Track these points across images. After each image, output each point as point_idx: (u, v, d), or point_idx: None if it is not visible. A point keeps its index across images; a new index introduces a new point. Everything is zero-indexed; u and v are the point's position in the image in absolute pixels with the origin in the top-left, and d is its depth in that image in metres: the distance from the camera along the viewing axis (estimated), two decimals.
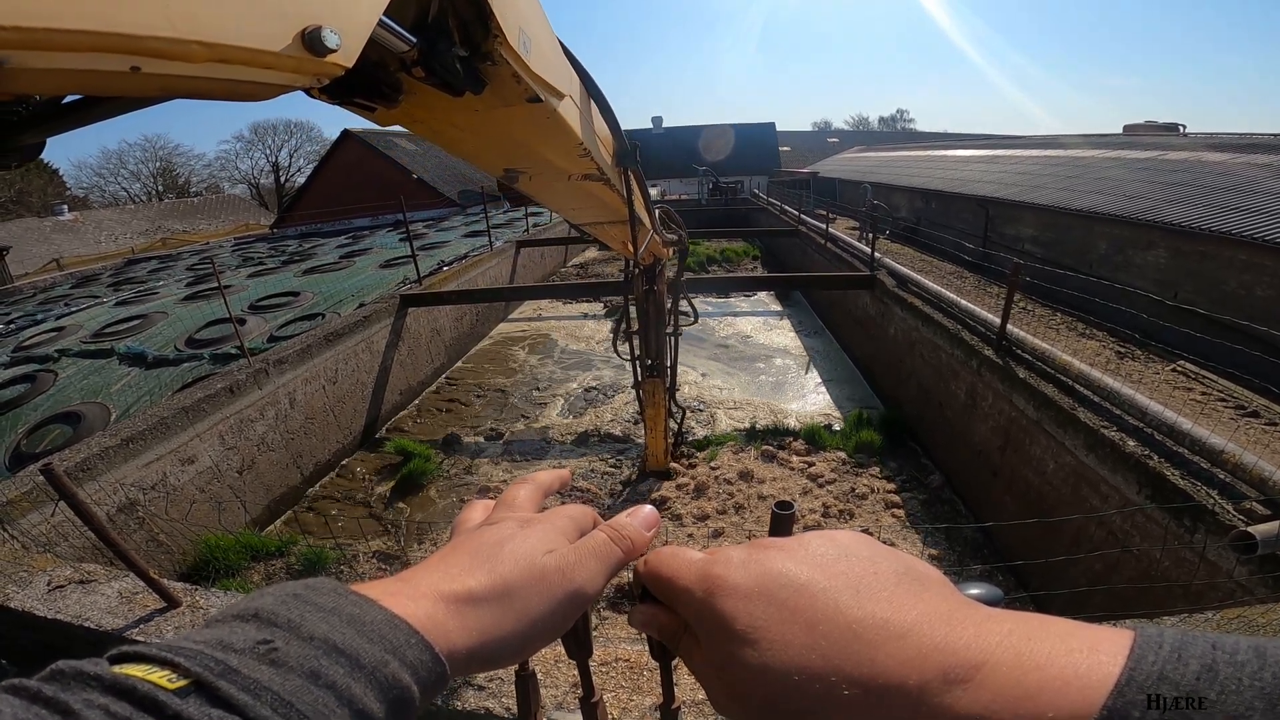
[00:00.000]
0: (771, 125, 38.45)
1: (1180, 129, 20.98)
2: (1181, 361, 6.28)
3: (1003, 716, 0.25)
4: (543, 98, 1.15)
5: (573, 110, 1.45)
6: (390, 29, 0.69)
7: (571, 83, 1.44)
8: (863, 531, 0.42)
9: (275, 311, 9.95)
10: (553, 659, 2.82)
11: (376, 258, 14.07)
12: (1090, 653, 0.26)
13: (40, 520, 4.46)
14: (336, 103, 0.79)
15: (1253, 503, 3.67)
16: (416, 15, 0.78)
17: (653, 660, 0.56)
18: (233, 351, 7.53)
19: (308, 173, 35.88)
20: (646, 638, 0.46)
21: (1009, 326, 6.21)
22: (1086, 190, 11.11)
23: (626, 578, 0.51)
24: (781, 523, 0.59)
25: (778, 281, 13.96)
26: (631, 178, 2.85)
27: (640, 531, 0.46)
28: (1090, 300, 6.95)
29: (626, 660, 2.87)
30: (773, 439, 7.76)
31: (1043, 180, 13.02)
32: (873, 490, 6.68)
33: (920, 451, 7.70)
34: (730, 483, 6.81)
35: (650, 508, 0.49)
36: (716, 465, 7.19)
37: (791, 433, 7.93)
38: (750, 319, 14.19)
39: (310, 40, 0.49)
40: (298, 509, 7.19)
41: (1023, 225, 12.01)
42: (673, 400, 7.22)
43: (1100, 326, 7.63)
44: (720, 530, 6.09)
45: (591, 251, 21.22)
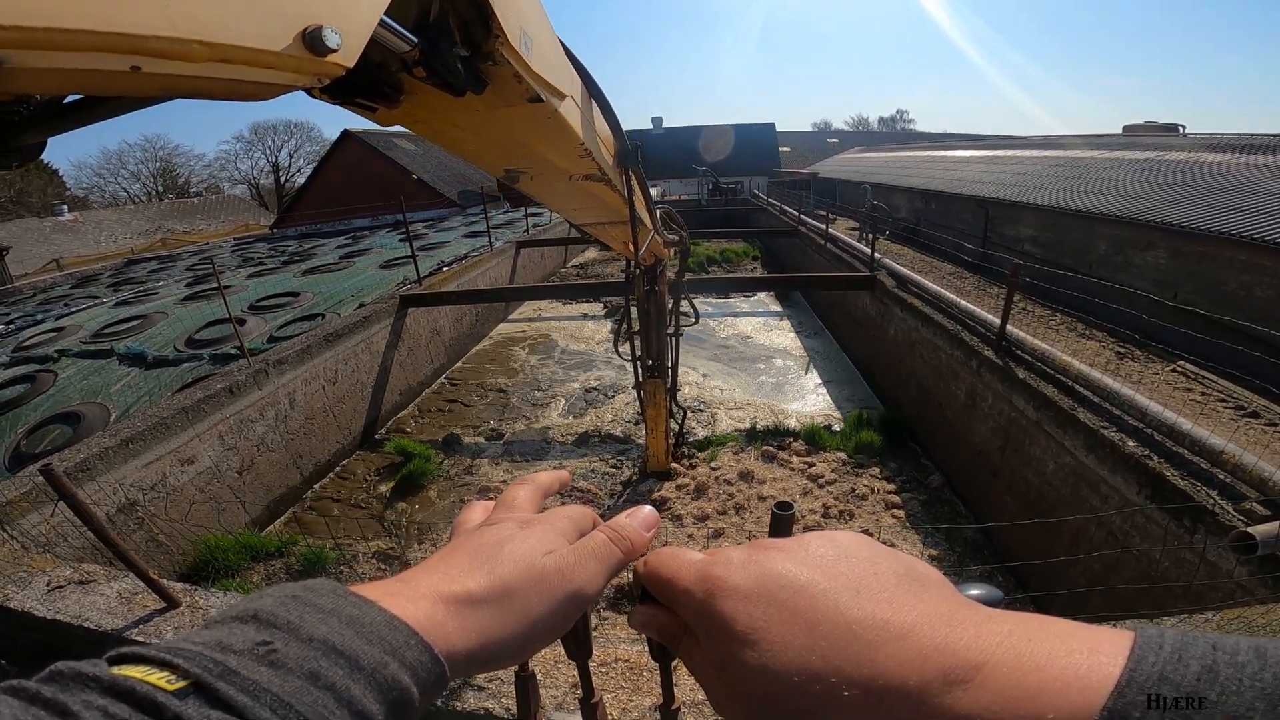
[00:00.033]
0: (771, 126, 38.48)
1: (1180, 129, 20.98)
2: (1181, 362, 6.28)
3: (1003, 717, 0.25)
4: (544, 98, 1.15)
5: (574, 110, 1.45)
6: (391, 29, 0.69)
7: (573, 83, 1.44)
8: (863, 532, 0.42)
9: (275, 312, 9.95)
10: (552, 659, 2.82)
11: (376, 258, 14.07)
12: (1090, 653, 0.26)
13: (40, 520, 4.47)
14: (338, 103, 0.79)
15: (1253, 503, 3.67)
16: (417, 15, 0.78)
17: (652, 661, 0.55)
18: (232, 352, 7.53)
19: (307, 173, 35.91)
20: (646, 638, 0.46)
21: (1009, 327, 6.22)
22: (1086, 191, 11.11)
23: (626, 578, 0.51)
24: (781, 523, 0.59)
25: (778, 282, 13.97)
26: (632, 178, 2.86)
27: (640, 532, 0.46)
28: (1090, 301, 6.95)
29: (626, 661, 2.87)
30: (773, 439, 7.75)
31: (1042, 181, 13.01)
32: (873, 491, 6.68)
33: (920, 452, 7.70)
34: (730, 483, 6.81)
35: (649, 508, 0.49)
36: (717, 466, 7.19)
37: (792, 433, 7.92)
38: (750, 319, 14.19)
39: (311, 40, 0.49)
40: (297, 509, 7.19)
41: (1022, 226, 12.01)
42: (674, 401, 7.23)
43: (1100, 327, 7.64)
44: (720, 531, 6.08)
45: (591, 252, 21.22)
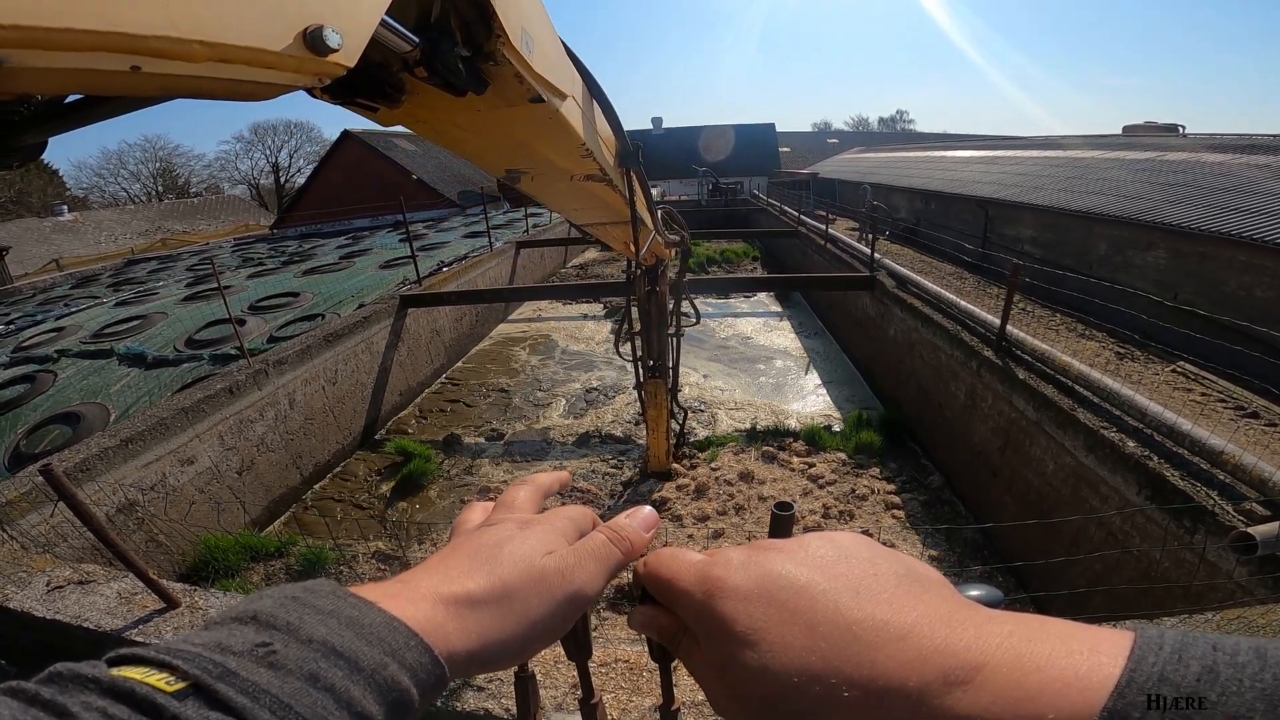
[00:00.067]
0: (771, 126, 38.49)
1: (1180, 130, 20.96)
2: (1181, 362, 6.28)
3: (1003, 718, 0.25)
4: (545, 98, 1.15)
5: (575, 110, 1.45)
6: (392, 29, 0.69)
7: (574, 83, 1.44)
8: (862, 533, 0.42)
9: (275, 312, 9.95)
10: (552, 660, 2.81)
11: (376, 258, 14.07)
12: (1090, 654, 0.26)
13: (39, 521, 4.47)
14: (339, 103, 0.79)
15: (1252, 503, 3.67)
16: (419, 15, 0.78)
17: (652, 661, 0.55)
18: (232, 352, 7.53)
19: (307, 173, 35.90)
20: (646, 639, 0.46)
21: (1008, 327, 6.22)
22: (1086, 191, 11.11)
23: (626, 578, 0.51)
24: (781, 524, 0.59)
25: (778, 282, 13.96)
26: (634, 178, 2.86)
27: (639, 533, 0.46)
28: (1090, 301, 6.95)
29: (626, 661, 2.87)
30: (773, 440, 7.75)
31: (1042, 181, 13.01)
32: (873, 491, 6.68)
33: (920, 452, 7.70)
34: (731, 484, 6.81)
35: (649, 509, 0.49)
36: (717, 466, 7.19)
37: (792, 434, 7.92)
38: (750, 320, 14.19)
39: (312, 40, 0.49)
40: (297, 510, 7.19)
41: (1022, 226, 12.01)
42: (675, 401, 7.22)
43: (1100, 327, 7.63)
44: (720, 531, 6.08)
45: (591, 252, 21.22)
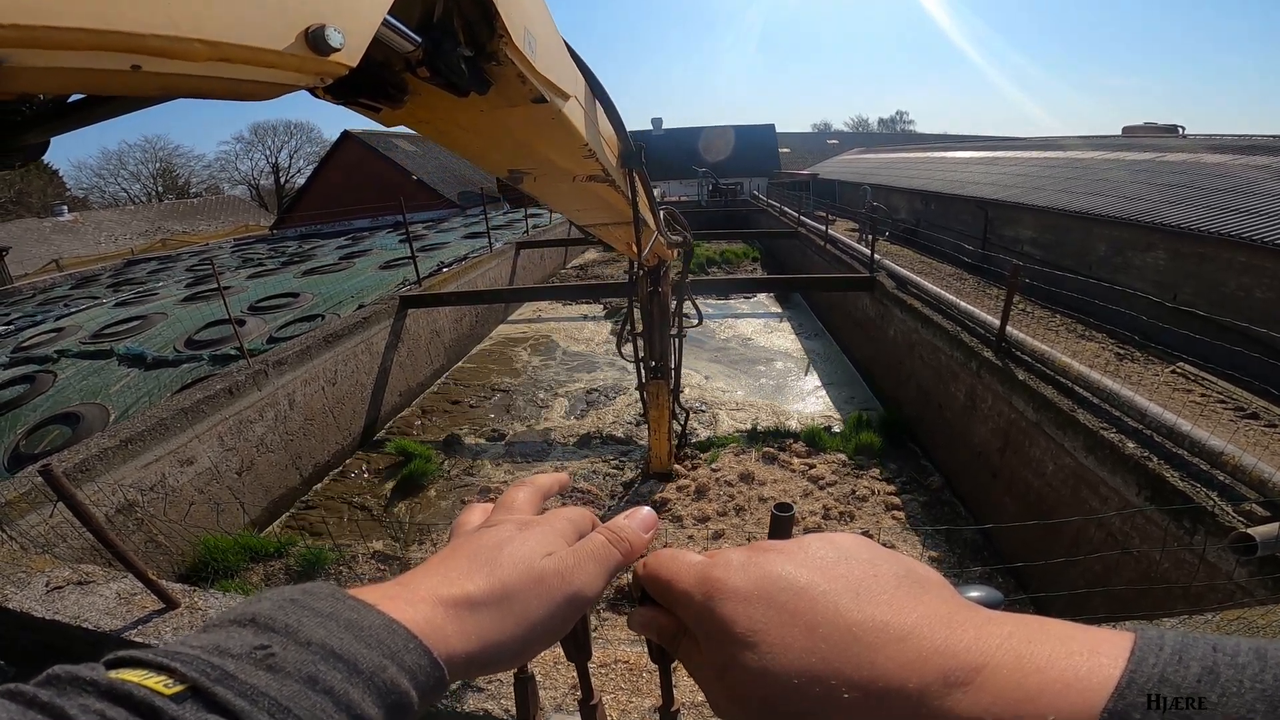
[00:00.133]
0: (771, 127, 38.49)
1: (1179, 130, 20.97)
2: (1181, 363, 6.28)
3: (1003, 719, 0.25)
4: (548, 98, 1.15)
5: (578, 111, 1.45)
6: (395, 28, 0.69)
7: (576, 83, 1.44)
8: (862, 534, 0.42)
9: (275, 313, 9.95)
10: (552, 661, 2.81)
11: (376, 259, 14.07)
12: (1091, 655, 0.26)
13: (39, 521, 4.46)
14: (341, 103, 0.78)
15: (1252, 504, 3.67)
16: (421, 15, 0.78)
17: (652, 663, 0.55)
18: (232, 353, 7.53)
19: (307, 174, 35.91)
20: (645, 640, 0.46)
21: (1008, 328, 6.22)
22: (1086, 192, 11.11)
23: (626, 580, 0.51)
24: (781, 525, 0.59)
25: (778, 283, 13.95)
26: (636, 179, 2.85)
27: (638, 533, 0.46)
28: (1089, 302, 6.95)
29: (626, 662, 2.87)
30: (774, 441, 7.75)
31: (1042, 182, 13.02)
32: (873, 492, 6.68)
33: (920, 453, 7.70)
34: (731, 485, 6.80)
35: (648, 509, 0.49)
36: (718, 467, 7.18)
37: (792, 435, 7.92)
38: (750, 321, 14.19)
39: (314, 39, 0.49)
40: (297, 510, 7.19)
41: (1022, 227, 12.02)
42: (676, 402, 7.21)
43: (1099, 328, 7.63)
44: (721, 532, 6.08)
45: (591, 253, 21.22)
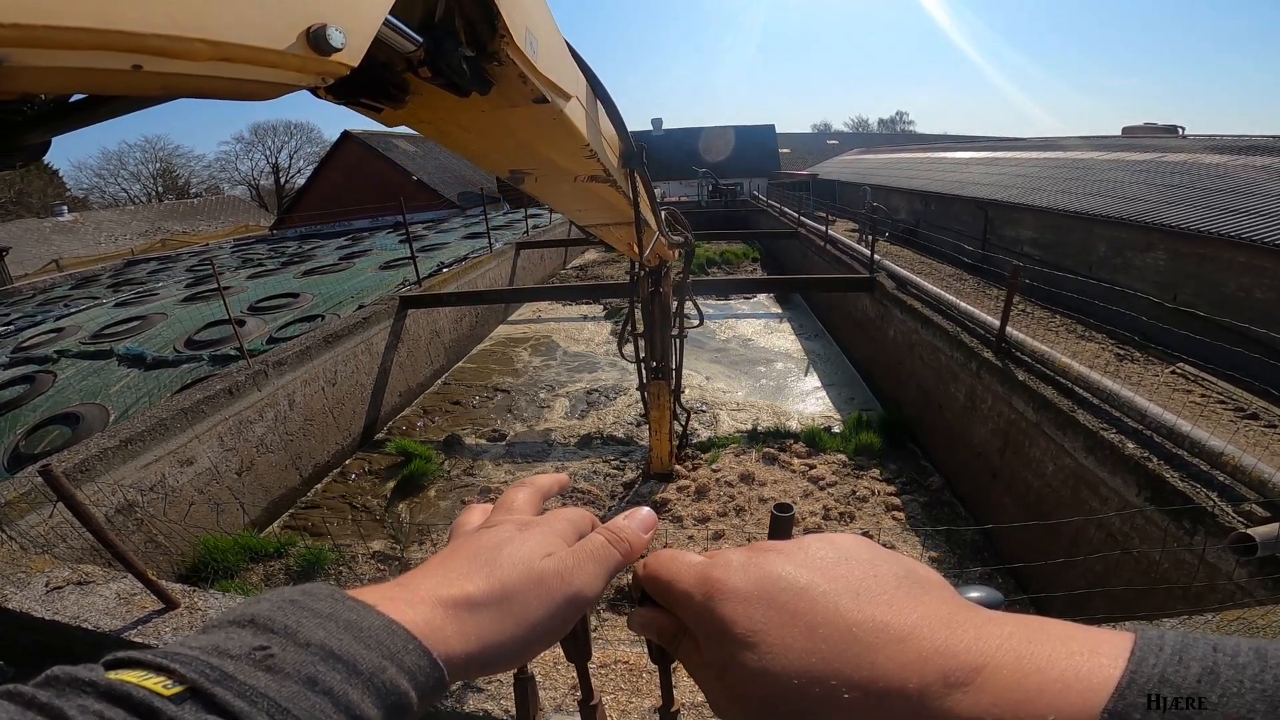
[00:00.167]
0: (771, 127, 38.49)
1: (1179, 131, 20.98)
2: (1181, 364, 6.28)
3: (1004, 719, 0.25)
4: (549, 99, 1.15)
5: (579, 111, 1.45)
6: (396, 28, 0.69)
7: (578, 84, 1.44)
8: (863, 534, 0.42)
9: (275, 313, 9.94)
10: (551, 661, 2.81)
11: (376, 259, 14.07)
12: (1091, 655, 0.26)
13: (39, 521, 4.46)
14: (342, 103, 0.78)
15: (1252, 505, 3.67)
16: (423, 15, 0.78)
17: (652, 663, 0.55)
18: (232, 353, 7.53)
19: (307, 174, 35.90)
20: (645, 640, 0.46)
21: (1008, 329, 6.22)
22: (1085, 192, 11.12)
23: (626, 580, 0.51)
24: (781, 525, 0.59)
25: (778, 283, 13.95)
26: (637, 179, 2.85)
27: (638, 534, 0.46)
28: (1089, 302, 6.95)
29: (626, 663, 2.87)
30: (774, 441, 7.75)
31: (1042, 182, 13.02)
32: (873, 493, 6.67)
33: (920, 453, 7.70)
34: (731, 485, 6.80)
35: (648, 510, 0.49)
36: (718, 468, 7.18)
37: (792, 435, 7.92)
38: (750, 321, 14.19)
39: (315, 39, 0.49)
40: (296, 510, 7.19)
41: (1022, 227, 12.02)
42: (678, 403, 7.21)
43: (1099, 329, 7.63)
44: (721, 532, 6.07)
45: (591, 253, 21.23)
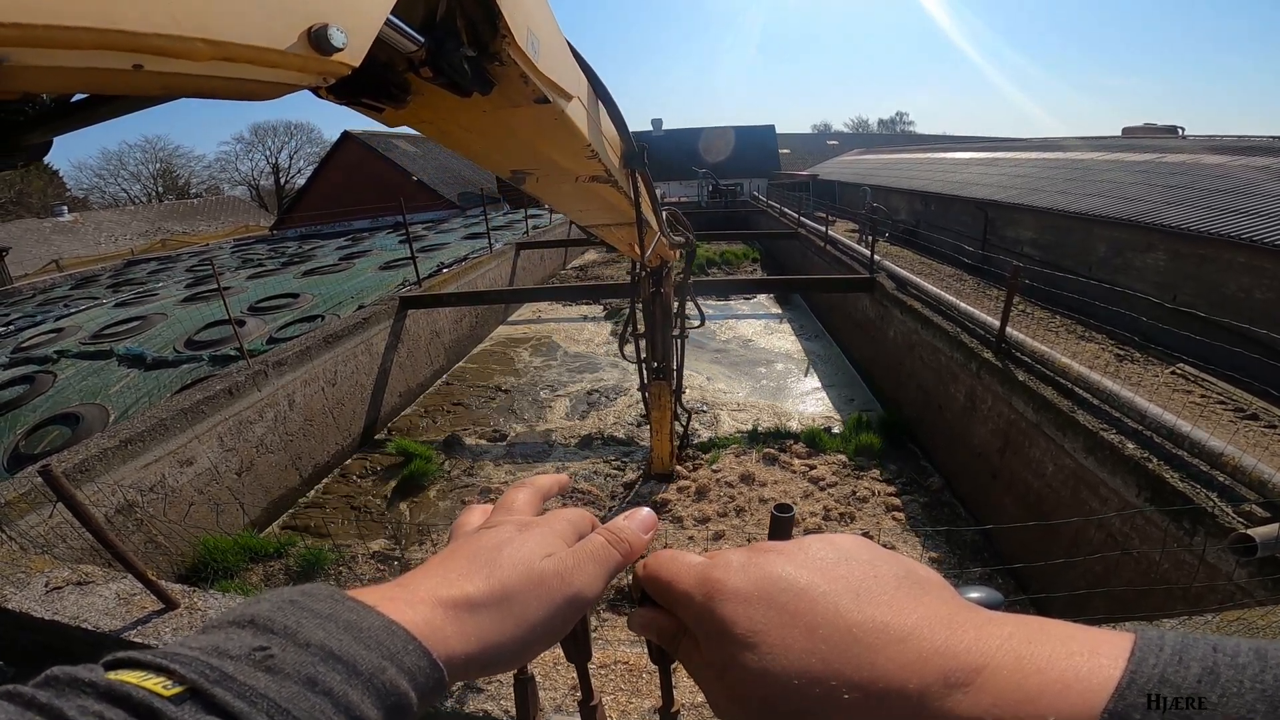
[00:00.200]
0: (771, 128, 38.51)
1: (1179, 131, 20.98)
2: (1181, 364, 6.28)
3: None
4: (550, 99, 1.15)
5: (580, 111, 1.45)
6: (398, 28, 0.69)
7: (579, 84, 1.44)
8: (863, 535, 0.42)
9: (275, 313, 9.94)
10: (551, 662, 2.81)
11: (376, 259, 14.07)
12: (1091, 656, 0.26)
13: (38, 521, 4.46)
14: (343, 103, 0.78)
15: (1252, 505, 3.67)
16: (424, 15, 0.78)
17: (652, 663, 0.55)
18: (232, 353, 7.53)
19: (308, 174, 35.89)
20: (645, 641, 0.46)
21: (1008, 329, 6.22)
22: (1085, 193, 11.11)
23: (626, 580, 0.51)
24: (781, 526, 0.58)
25: (778, 284, 13.95)
26: (639, 179, 2.85)
27: (638, 534, 0.46)
28: (1089, 303, 6.95)
29: (626, 663, 2.87)
30: (774, 442, 7.75)
31: (1042, 183, 13.02)
32: (873, 493, 6.67)
33: (920, 454, 7.70)
34: (731, 485, 6.80)
35: (648, 510, 0.49)
36: (718, 468, 7.18)
37: (793, 435, 7.92)
38: (751, 322, 14.20)
39: (316, 39, 0.49)
40: (296, 510, 7.19)
41: (1022, 228, 12.02)
42: (679, 403, 7.21)
43: (1099, 329, 7.63)
44: (721, 533, 6.07)
45: (591, 254, 21.23)
